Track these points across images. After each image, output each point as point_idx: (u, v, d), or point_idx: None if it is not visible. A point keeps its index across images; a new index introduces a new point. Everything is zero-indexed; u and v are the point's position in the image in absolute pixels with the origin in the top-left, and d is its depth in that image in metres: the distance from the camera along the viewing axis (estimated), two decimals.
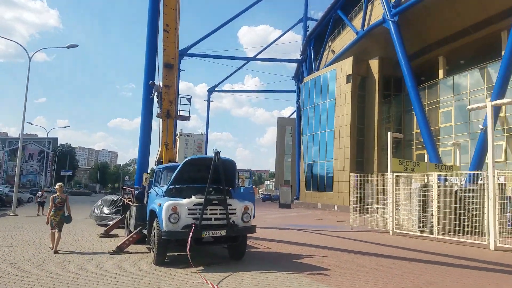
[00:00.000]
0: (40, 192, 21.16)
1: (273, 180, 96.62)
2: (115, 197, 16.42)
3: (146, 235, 9.02)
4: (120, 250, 9.19)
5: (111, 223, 13.60)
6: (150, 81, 14.52)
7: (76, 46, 20.92)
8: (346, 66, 34.11)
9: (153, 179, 10.05)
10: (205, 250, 9.22)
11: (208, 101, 60.52)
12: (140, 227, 9.55)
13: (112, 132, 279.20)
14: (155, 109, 14.76)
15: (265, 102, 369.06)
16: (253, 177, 11.19)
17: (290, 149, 59.67)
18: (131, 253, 9.08)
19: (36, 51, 22.29)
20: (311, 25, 49.42)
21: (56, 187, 9.63)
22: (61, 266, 7.28)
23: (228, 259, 8.48)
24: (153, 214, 8.22)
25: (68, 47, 20.69)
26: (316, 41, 43.40)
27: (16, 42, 29.91)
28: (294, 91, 58.40)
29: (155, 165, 13.08)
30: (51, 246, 9.06)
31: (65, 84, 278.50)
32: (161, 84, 13.23)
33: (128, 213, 11.42)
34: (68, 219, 9.41)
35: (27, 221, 15.83)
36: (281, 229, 16.19)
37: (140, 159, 16.09)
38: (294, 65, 56.15)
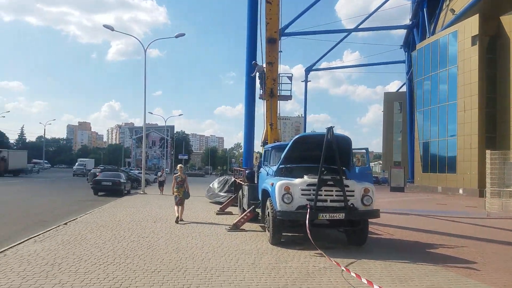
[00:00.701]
0: (160, 172, 23.05)
1: (379, 161, 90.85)
2: (227, 178, 17.10)
3: (259, 213, 8.95)
4: (236, 227, 9.31)
5: (223, 201, 14.29)
6: (253, 61, 14.52)
7: (183, 35, 22.57)
8: (471, 26, 29.06)
9: (262, 159, 9.85)
10: (318, 232, 8.68)
11: (306, 81, 58.80)
12: (253, 206, 9.52)
13: (218, 119, 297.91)
14: (258, 92, 14.72)
15: (367, 78, 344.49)
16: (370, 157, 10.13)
17: (400, 127, 54.52)
18: (246, 230, 9.10)
19: (150, 42, 24.81)
20: None
21: (177, 168, 11.08)
22: (185, 241, 7.59)
23: (346, 244, 7.79)
24: (266, 194, 8.02)
25: (176, 36, 22.41)
26: (430, 1, 38.06)
27: (133, 36, 34.20)
28: (403, 62, 52.50)
29: (261, 145, 12.98)
30: (176, 216, 10.27)
31: (176, 77, 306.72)
32: (263, 65, 13.19)
33: (240, 192, 11.59)
34: (187, 195, 10.74)
35: (154, 199, 17.61)
36: (400, 214, 14.73)
37: (246, 141, 16.47)
38: (402, 33, 50.44)
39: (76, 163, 62.03)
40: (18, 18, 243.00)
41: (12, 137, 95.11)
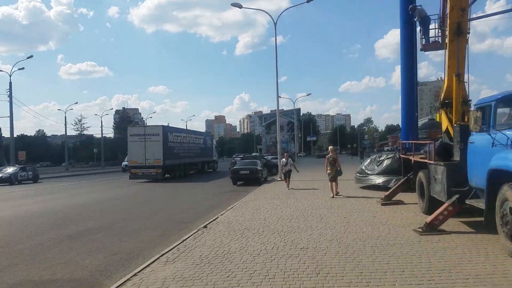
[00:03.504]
0: (284, 159, 15.13)
1: None
2: (383, 155, 13.81)
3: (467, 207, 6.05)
4: (431, 228, 6.29)
5: (378, 183, 12.51)
6: (410, 6, 12.29)
7: None
8: None
9: (473, 120, 6.27)
10: None
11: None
12: (457, 196, 6.28)
13: (342, 97, 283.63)
14: (418, 43, 12.20)
15: None
16: None
17: None
18: (448, 233, 6.13)
19: (281, 12, 22.11)
20: None
21: (329, 149, 12.19)
22: (372, 256, 4.93)
23: None
24: (500, 176, 4.75)
25: (308, 0, 20.15)
26: None
27: (263, 10, 32.67)
28: None
29: (437, 107, 9.18)
30: (331, 195, 11.29)
31: (300, 60, 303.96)
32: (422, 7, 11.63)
33: (421, 174, 8.30)
34: (339, 173, 11.59)
35: (292, 186, 15.53)
36: None
37: (405, 107, 14.04)
38: None
39: None
40: (158, 28, 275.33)
41: None
